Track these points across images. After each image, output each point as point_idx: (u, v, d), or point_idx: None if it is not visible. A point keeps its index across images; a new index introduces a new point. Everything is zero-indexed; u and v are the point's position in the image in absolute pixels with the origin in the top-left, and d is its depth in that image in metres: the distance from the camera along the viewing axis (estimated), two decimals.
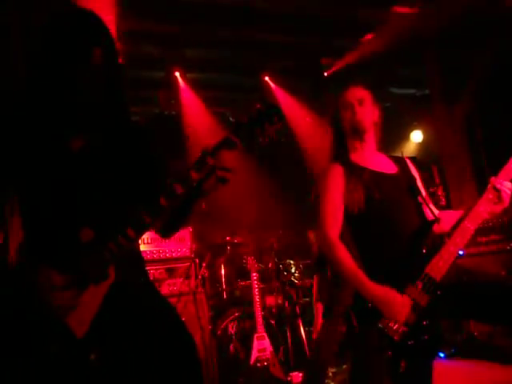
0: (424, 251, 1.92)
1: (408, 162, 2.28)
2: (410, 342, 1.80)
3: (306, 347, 4.36)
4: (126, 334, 1.39)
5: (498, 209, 1.99)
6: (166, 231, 1.66)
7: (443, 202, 4.32)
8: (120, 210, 1.42)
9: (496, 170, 2.08)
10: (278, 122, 1.43)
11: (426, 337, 1.82)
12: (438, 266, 1.87)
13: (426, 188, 2.31)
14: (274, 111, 1.44)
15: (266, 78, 6.11)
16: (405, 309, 1.81)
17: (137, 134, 1.62)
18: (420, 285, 1.86)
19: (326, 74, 5.97)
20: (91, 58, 1.39)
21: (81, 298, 1.33)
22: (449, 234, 1.98)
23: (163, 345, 1.41)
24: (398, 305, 1.82)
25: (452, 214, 2.15)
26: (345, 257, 1.97)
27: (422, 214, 2.11)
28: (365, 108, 2.17)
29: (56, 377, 1.29)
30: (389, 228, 2.01)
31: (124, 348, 1.38)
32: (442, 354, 4.35)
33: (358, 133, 2.17)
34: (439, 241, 2.04)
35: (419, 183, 2.22)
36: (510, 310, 1.83)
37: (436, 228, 2.06)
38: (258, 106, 1.43)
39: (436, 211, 2.21)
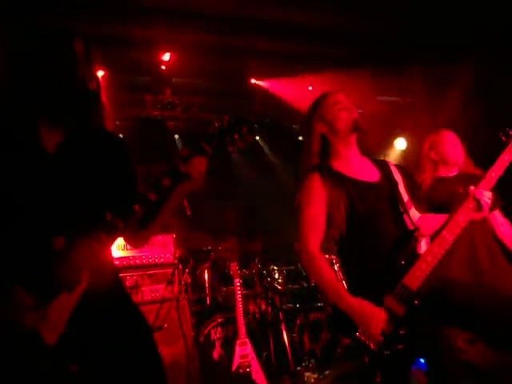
0: (403, 262, 1.95)
1: (391, 165, 2.28)
2: (385, 352, 1.82)
3: (289, 353, 4.37)
4: (96, 342, 1.39)
5: (478, 217, 2.03)
6: (136, 239, 1.68)
7: None
8: (92, 215, 1.42)
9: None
10: (247, 133, 1.52)
11: (400, 346, 1.83)
12: (415, 276, 1.90)
13: (410, 193, 2.33)
14: (243, 123, 1.52)
15: (253, 81, 6.09)
16: (380, 323, 1.82)
17: (109, 139, 1.64)
18: (397, 295, 1.88)
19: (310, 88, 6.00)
20: (74, 48, 1.41)
21: (52, 306, 1.33)
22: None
23: (131, 357, 1.43)
24: (373, 319, 1.83)
25: (433, 218, 2.18)
26: (324, 269, 1.98)
27: (402, 223, 2.12)
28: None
29: None
30: (369, 239, 2.02)
31: (95, 357, 1.38)
32: (422, 361, 4.39)
33: (351, 133, 2.17)
34: (418, 251, 2.07)
35: (402, 188, 2.23)
36: (485, 319, 1.86)
37: (416, 233, 2.09)
38: (228, 117, 1.53)
39: (417, 215, 2.24)
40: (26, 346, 1.30)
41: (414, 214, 2.23)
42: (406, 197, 2.23)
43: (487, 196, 2.01)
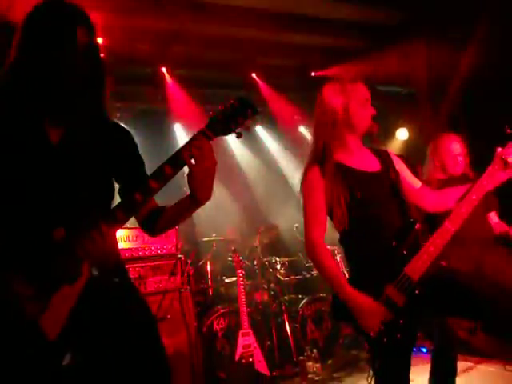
0: (404, 252, 1.96)
1: (392, 156, 2.28)
2: (384, 340, 1.84)
3: (292, 343, 4.41)
4: (98, 336, 1.39)
5: (505, 177, 2.01)
6: (152, 229, 1.66)
7: None
8: (93, 206, 1.41)
9: (480, 167, 2.13)
10: (251, 115, 1.46)
11: (398, 336, 1.85)
12: (417, 266, 1.91)
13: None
14: (247, 106, 1.46)
15: (253, 75, 6.11)
16: (376, 319, 1.85)
17: (115, 129, 1.63)
18: (398, 284, 1.90)
19: (313, 73, 5.99)
20: (76, 35, 1.38)
21: (53, 299, 1.31)
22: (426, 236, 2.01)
23: (133, 348, 1.42)
24: (369, 314, 1.85)
25: (452, 191, 2.21)
26: (326, 259, 1.99)
27: (404, 212, 2.13)
28: None
29: (28, 380, 1.28)
30: (370, 229, 2.03)
31: (96, 350, 1.38)
32: (424, 350, 4.42)
33: (363, 130, 2.17)
34: (421, 240, 2.07)
35: (407, 177, 2.25)
36: (487, 305, 1.87)
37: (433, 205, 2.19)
38: (232, 100, 1.46)
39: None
40: (27, 342, 1.29)
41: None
42: (417, 183, 2.25)
43: None
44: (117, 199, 1.52)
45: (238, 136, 1.49)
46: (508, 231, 3.02)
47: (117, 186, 1.62)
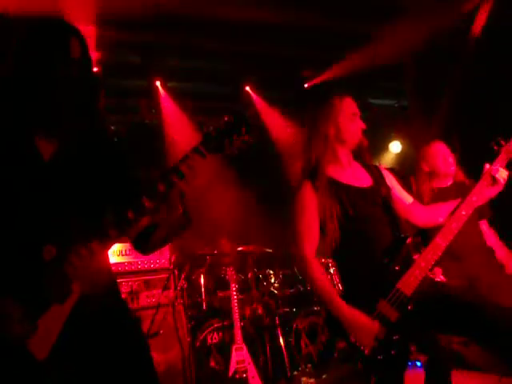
0: (397, 267, 1.96)
1: (383, 171, 2.29)
2: (379, 357, 1.83)
3: (286, 358, 4.37)
4: (88, 355, 1.37)
5: (494, 192, 2.04)
6: (144, 247, 1.64)
7: None
8: (85, 223, 1.40)
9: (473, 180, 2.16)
10: (246, 133, 1.44)
11: (393, 352, 1.85)
12: (409, 282, 1.91)
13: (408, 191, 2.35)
14: (242, 122, 1.45)
15: (247, 88, 6.14)
16: (370, 334, 1.85)
17: (109, 143, 1.62)
18: (391, 300, 1.89)
19: (306, 85, 6.02)
20: (70, 49, 1.39)
21: (43, 318, 1.30)
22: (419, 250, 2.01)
23: (123, 368, 1.41)
24: (363, 330, 1.86)
25: (441, 207, 2.23)
26: (319, 276, 1.99)
27: (396, 227, 2.14)
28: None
29: None
30: (363, 244, 2.04)
31: (86, 370, 1.36)
32: (418, 363, 4.40)
33: (353, 144, 2.19)
34: (413, 255, 2.07)
35: (398, 191, 2.27)
36: (480, 323, 1.86)
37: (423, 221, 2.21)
38: (226, 117, 1.45)
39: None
40: (15, 362, 1.27)
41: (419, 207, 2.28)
42: (409, 198, 2.26)
43: (503, 173, 2.03)
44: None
45: (232, 155, 1.47)
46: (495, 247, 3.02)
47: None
